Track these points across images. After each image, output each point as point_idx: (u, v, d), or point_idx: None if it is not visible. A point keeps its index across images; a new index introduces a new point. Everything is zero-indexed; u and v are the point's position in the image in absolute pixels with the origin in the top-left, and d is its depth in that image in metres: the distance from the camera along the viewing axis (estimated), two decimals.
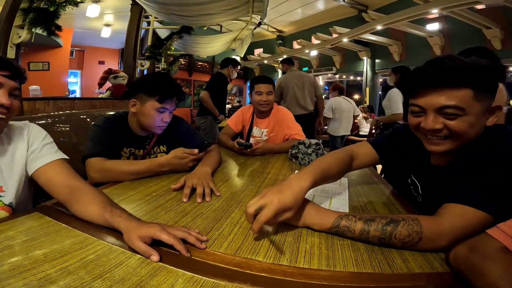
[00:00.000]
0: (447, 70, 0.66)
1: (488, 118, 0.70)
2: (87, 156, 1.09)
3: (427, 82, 0.70)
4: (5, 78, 0.76)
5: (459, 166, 0.74)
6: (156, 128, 1.22)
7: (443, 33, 6.24)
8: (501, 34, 5.21)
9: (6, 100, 0.75)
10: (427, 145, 0.76)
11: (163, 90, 1.18)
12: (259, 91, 1.86)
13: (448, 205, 0.65)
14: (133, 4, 4.61)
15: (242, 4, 3.76)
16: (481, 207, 0.60)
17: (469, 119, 0.67)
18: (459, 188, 0.66)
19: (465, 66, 0.66)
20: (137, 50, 4.77)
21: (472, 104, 0.66)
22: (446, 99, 0.67)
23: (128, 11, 4.79)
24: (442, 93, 0.68)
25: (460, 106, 0.66)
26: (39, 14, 3.09)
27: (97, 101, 4.09)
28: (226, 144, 1.82)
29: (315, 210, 0.72)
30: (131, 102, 1.21)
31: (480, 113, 0.68)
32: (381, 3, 7.29)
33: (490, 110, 0.69)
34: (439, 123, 0.70)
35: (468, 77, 0.65)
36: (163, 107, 1.18)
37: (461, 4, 4.25)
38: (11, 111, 0.78)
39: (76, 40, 7.86)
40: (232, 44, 6.59)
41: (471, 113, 0.67)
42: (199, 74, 10.41)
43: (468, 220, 0.61)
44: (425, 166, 0.86)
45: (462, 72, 0.66)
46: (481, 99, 0.66)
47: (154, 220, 0.74)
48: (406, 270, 0.55)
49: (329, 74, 9.58)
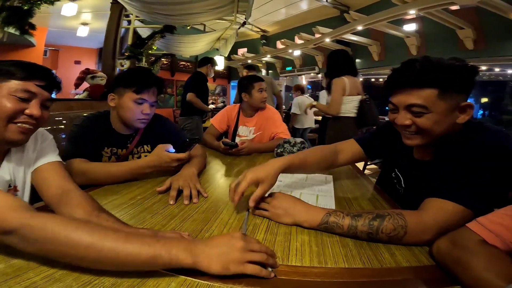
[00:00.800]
0: (414, 72, 0.73)
1: (458, 116, 0.74)
2: (65, 159, 1.02)
3: (398, 83, 0.77)
4: (40, 88, 0.72)
5: (438, 161, 0.80)
6: (136, 121, 1.17)
7: (419, 34, 6.47)
8: (474, 35, 5.46)
9: (37, 111, 0.72)
10: (403, 139, 0.83)
11: (140, 80, 1.15)
12: (261, 88, 1.89)
13: (430, 199, 0.68)
14: (113, 3, 4.46)
15: (226, 3, 3.73)
16: (459, 201, 0.64)
17: (433, 117, 0.73)
18: (440, 183, 0.70)
19: (431, 67, 0.71)
20: (117, 49, 4.63)
21: (437, 103, 0.71)
22: (413, 98, 0.73)
23: (108, 9, 4.63)
24: (410, 92, 0.74)
25: (425, 104, 0.72)
26: (12, 12, 2.95)
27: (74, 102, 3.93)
28: (211, 144, 1.80)
29: (303, 208, 0.74)
30: (109, 96, 1.17)
31: (447, 111, 0.72)
32: (362, 4, 7.46)
33: (461, 109, 0.73)
34: (408, 119, 0.76)
35: (432, 78, 0.71)
36: (141, 98, 1.14)
37: (437, 5, 4.42)
38: (40, 123, 0.75)
39: (50, 40, 7.56)
40: (216, 43, 6.54)
41: (435, 111, 0.72)
42: (182, 74, 10.25)
43: (449, 213, 0.64)
44: (408, 160, 0.91)
45: (427, 73, 0.71)
46: (446, 98, 0.71)
47: (141, 224, 0.72)
48: (394, 264, 0.57)
49: (312, 73, 9.72)
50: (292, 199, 0.78)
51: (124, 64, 4.98)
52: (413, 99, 0.73)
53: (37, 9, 3.15)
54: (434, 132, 0.75)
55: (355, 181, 1.16)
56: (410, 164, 0.91)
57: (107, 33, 4.56)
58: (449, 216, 0.64)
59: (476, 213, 0.61)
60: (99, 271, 0.50)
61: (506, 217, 0.52)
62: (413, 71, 0.73)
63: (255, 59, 10.30)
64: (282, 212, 0.74)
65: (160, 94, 1.24)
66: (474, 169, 0.67)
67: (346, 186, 1.09)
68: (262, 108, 1.95)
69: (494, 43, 5.32)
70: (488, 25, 5.27)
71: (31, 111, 0.70)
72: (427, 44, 6.44)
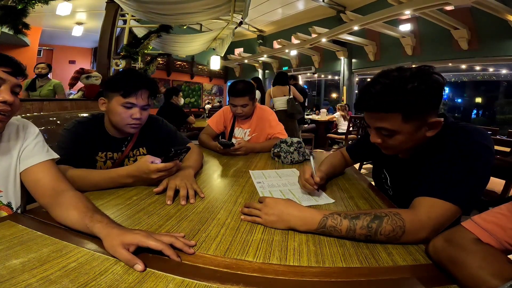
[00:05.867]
0: (373, 96, 0.75)
1: (427, 130, 0.76)
2: None
3: (362, 107, 0.80)
4: (7, 75, 0.72)
5: (418, 158, 0.84)
6: (126, 126, 1.12)
7: (414, 34, 6.53)
8: (468, 35, 5.52)
9: (9, 96, 0.71)
10: None
11: (127, 83, 1.09)
12: (233, 104, 1.82)
13: (420, 198, 0.70)
14: (108, 2, 4.42)
15: (223, 3, 3.73)
16: (447, 199, 0.66)
17: (401, 137, 0.77)
18: (425, 182, 0.72)
19: (391, 91, 0.72)
20: (112, 49, 4.59)
21: (402, 126, 0.74)
22: (379, 121, 0.77)
23: (103, 9, 4.59)
24: (376, 115, 0.77)
25: (391, 128, 0.76)
26: (6, 12, 2.91)
27: (68, 102, 3.88)
28: (208, 144, 1.79)
29: (298, 212, 0.71)
30: (100, 100, 1.14)
31: (414, 131, 0.76)
32: (359, 4, 7.51)
33: (429, 125, 0.75)
34: (378, 138, 0.81)
35: (394, 102, 0.72)
36: (128, 102, 1.08)
37: (432, 5, 4.46)
38: (14, 109, 0.75)
39: (44, 39, 7.50)
40: (212, 43, 6.52)
41: (402, 132, 0.76)
42: (178, 74, 10.24)
43: (440, 211, 0.66)
44: (393, 160, 0.95)
45: (389, 97, 0.73)
46: (411, 120, 0.74)
47: (137, 225, 0.72)
48: (391, 263, 0.57)
49: (308, 73, 9.74)
50: (284, 204, 0.74)
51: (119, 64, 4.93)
52: (380, 123, 0.77)
53: (31, 9, 3.11)
54: (405, 147, 0.81)
55: (352, 181, 1.16)
56: (395, 163, 0.95)
57: (102, 33, 4.53)
58: (441, 213, 0.66)
59: (463, 209, 0.67)
60: (97, 273, 0.49)
61: (500, 216, 0.52)
62: (372, 96, 0.75)
63: (251, 59, 10.30)
64: (275, 219, 0.71)
65: (153, 96, 1.17)
66: (453, 167, 0.70)
67: (343, 186, 1.09)
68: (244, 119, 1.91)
69: (488, 43, 5.38)
70: (482, 26, 5.33)
71: (3, 97, 0.70)
72: (422, 44, 6.51)
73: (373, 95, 0.75)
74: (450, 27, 5.52)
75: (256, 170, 1.30)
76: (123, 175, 0.99)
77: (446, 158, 0.72)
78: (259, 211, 0.75)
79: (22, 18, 3.05)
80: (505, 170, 1.32)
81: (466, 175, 0.68)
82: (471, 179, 0.68)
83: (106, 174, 1.00)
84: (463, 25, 5.45)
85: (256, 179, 1.16)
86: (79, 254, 0.56)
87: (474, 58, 5.80)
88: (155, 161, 0.97)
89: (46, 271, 0.49)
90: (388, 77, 0.74)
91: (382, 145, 0.83)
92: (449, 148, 0.73)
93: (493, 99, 10.85)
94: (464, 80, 11.20)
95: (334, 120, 5.99)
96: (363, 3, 7.38)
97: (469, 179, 0.68)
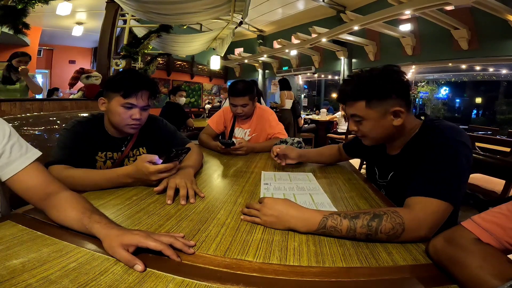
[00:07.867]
0: (346, 88, 0.92)
1: (393, 119, 0.87)
2: (49, 163, 0.99)
3: (339, 98, 0.97)
4: None
5: (403, 155, 0.94)
6: (126, 127, 1.12)
7: (414, 34, 6.51)
8: (468, 35, 5.51)
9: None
10: None
11: (127, 84, 1.09)
12: (233, 103, 1.82)
13: (412, 198, 0.72)
14: (108, 2, 4.42)
15: (223, 3, 3.72)
16: (438, 196, 0.69)
17: (368, 123, 0.91)
18: (417, 183, 0.74)
19: (360, 81, 0.89)
20: (112, 49, 4.59)
21: (367, 111, 0.89)
22: (351, 109, 0.93)
23: (103, 9, 4.59)
24: (350, 105, 0.93)
25: (359, 114, 0.91)
26: (6, 12, 2.90)
27: (68, 102, 3.88)
28: (208, 144, 1.79)
29: (297, 212, 0.70)
30: (100, 100, 1.14)
31: (378, 117, 0.88)
32: (359, 4, 7.50)
33: (393, 113, 0.87)
34: (354, 126, 0.96)
35: (359, 91, 0.88)
36: (128, 102, 1.08)
37: (432, 5, 4.45)
38: None
39: (44, 39, 7.48)
40: (213, 43, 6.51)
41: (368, 118, 0.90)
42: (178, 74, 10.22)
43: (434, 208, 0.68)
44: (382, 156, 1.05)
45: (357, 87, 0.89)
46: (373, 106, 0.87)
47: (137, 225, 0.72)
48: (391, 263, 0.57)
49: (308, 73, 9.74)
50: (283, 204, 0.73)
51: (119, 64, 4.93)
52: (351, 110, 0.93)
53: (31, 8, 3.11)
54: (374, 135, 0.93)
55: (352, 181, 1.16)
56: (384, 159, 1.04)
57: (102, 33, 4.52)
58: (436, 210, 0.68)
59: (454, 204, 0.69)
60: (97, 273, 0.49)
61: (500, 216, 0.52)
62: (345, 88, 0.93)
63: (251, 59, 10.29)
64: (274, 220, 0.71)
65: (153, 97, 1.17)
66: (438, 165, 0.75)
67: (342, 185, 1.09)
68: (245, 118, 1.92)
69: (488, 43, 5.38)
70: (482, 25, 5.32)
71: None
72: (422, 44, 6.50)
73: (346, 88, 0.92)
74: (450, 27, 5.51)
75: (269, 172, 1.28)
76: (122, 176, 0.98)
77: (432, 157, 0.77)
78: (258, 212, 0.74)
79: (22, 18, 3.05)
80: (505, 170, 1.32)
81: (452, 172, 0.73)
82: (456, 175, 0.73)
83: (105, 174, 0.99)
84: (463, 25, 5.44)
85: (265, 180, 1.14)
86: (79, 254, 0.56)
87: (474, 58, 5.79)
88: (155, 161, 0.96)
89: (46, 271, 0.49)
90: (359, 74, 0.91)
91: (358, 134, 0.97)
92: (429, 146, 0.79)
93: (493, 99, 10.85)
94: (464, 80, 11.20)
95: (335, 120, 5.98)
96: (363, 3, 7.37)
97: (454, 175, 0.73)
